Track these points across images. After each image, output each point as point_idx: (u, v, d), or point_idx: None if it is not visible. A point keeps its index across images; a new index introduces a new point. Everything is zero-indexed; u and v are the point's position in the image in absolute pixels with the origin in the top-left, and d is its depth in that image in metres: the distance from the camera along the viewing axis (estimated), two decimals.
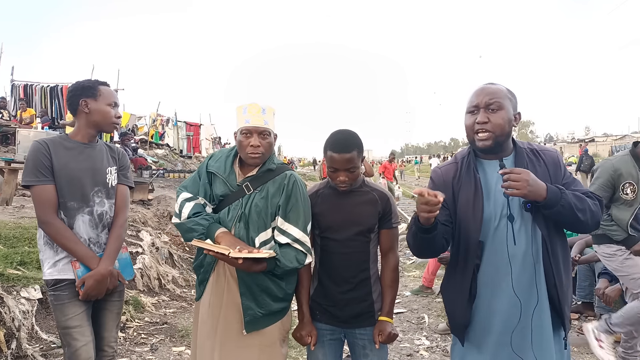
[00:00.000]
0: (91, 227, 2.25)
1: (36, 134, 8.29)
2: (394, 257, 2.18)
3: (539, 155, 1.85)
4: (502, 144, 1.82)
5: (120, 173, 2.40)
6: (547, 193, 1.64)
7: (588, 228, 1.79)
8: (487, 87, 1.84)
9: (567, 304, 1.82)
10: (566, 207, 1.66)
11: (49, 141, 2.21)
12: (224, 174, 2.10)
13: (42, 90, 14.82)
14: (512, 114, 1.82)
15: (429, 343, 4.12)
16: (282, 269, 1.97)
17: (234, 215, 2.05)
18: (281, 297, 2.06)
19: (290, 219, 2.02)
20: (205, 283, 2.09)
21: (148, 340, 4.00)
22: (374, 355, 2.11)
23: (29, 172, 2.15)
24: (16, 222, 4.98)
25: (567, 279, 1.84)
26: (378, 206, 2.10)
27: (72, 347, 2.14)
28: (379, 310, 2.12)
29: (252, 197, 2.05)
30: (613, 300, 3.65)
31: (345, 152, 2.00)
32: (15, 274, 3.68)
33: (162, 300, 5.00)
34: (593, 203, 1.76)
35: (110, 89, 2.34)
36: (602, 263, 4.08)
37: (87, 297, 2.17)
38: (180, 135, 21.55)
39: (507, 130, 1.80)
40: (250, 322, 2.00)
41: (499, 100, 1.77)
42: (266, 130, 2.05)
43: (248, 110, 2.05)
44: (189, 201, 2.09)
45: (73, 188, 2.20)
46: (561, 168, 1.85)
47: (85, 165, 2.24)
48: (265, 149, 2.05)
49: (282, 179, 2.09)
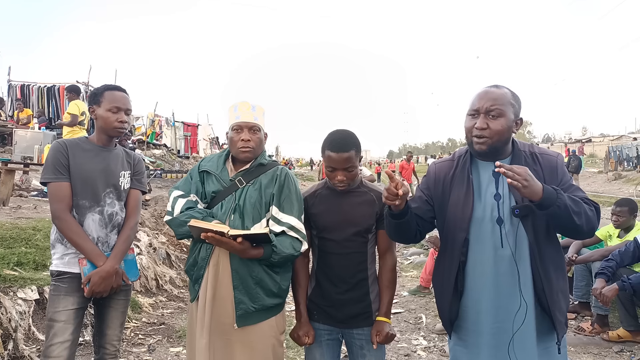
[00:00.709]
0: (100, 227, 2.31)
1: (33, 135, 8.27)
2: (391, 258, 2.18)
3: (537, 159, 1.85)
4: (499, 148, 1.82)
5: (135, 178, 2.47)
6: (543, 192, 1.63)
7: (582, 233, 1.77)
8: (490, 91, 1.80)
9: (558, 309, 1.79)
10: (562, 208, 1.65)
11: (69, 142, 2.33)
12: (216, 171, 2.17)
13: (39, 90, 14.79)
14: (513, 120, 1.80)
15: (426, 343, 4.13)
16: (279, 255, 2.00)
17: (227, 208, 2.08)
18: (275, 292, 2.08)
19: (285, 208, 2.08)
20: (200, 280, 2.09)
21: (145, 341, 3.99)
22: (371, 356, 2.11)
23: (47, 169, 2.26)
24: (13, 222, 4.96)
25: (560, 284, 1.82)
26: (376, 207, 2.10)
27: (48, 341, 2.18)
28: (376, 310, 2.12)
29: (246, 189, 2.11)
30: (610, 300, 3.67)
31: (343, 152, 2.01)
32: (12, 275, 3.67)
33: (159, 300, 5.00)
34: (589, 208, 1.74)
35: (115, 94, 2.35)
36: (598, 263, 4.11)
37: (92, 293, 2.20)
38: (177, 136, 21.53)
39: (506, 136, 1.79)
40: (242, 317, 2.02)
41: (500, 107, 1.76)
42: (256, 126, 2.13)
43: (239, 108, 2.15)
44: (181, 198, 2.14)
45: (86, 187, 2.28)
46: (557, 173, 1.83)
47: (99, 166, 2.32)
48: (255, 144, 2.12)
49: (274, 172, 2.16)
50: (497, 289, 1.80)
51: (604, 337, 4.01)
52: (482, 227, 1.82)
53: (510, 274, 1.79)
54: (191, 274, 2.15)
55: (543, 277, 1.77)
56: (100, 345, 2.37)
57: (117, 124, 2.32)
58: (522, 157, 1.84)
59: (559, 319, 1.80)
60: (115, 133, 2.36)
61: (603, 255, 4.14)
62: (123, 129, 2.36)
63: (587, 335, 4.08)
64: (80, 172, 2.26)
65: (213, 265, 2.06)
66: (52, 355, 2.15)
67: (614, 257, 3.90)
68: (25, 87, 14.94)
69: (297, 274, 2.20)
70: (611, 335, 3.97)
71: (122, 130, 2.37)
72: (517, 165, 1.66)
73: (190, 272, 2.15)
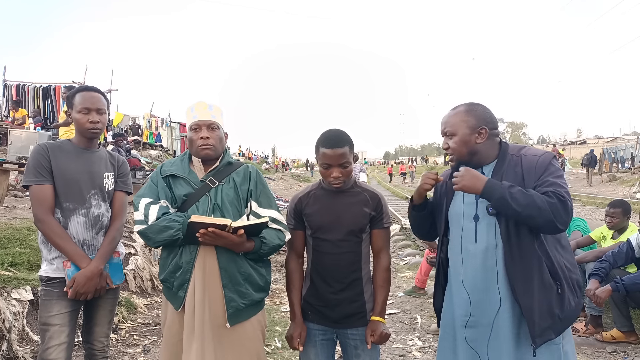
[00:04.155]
0: (86, 229, 2.28)
1: (28, 135, 8.25)
2: (385, 257, 2.19)
3: (521, 160, 1.92)
4: (473, 157, 1.95)
5: (119, 180, 2.45)
6: (484, 187, 1.81)
7: (543, 226, 1.80)
8: (445, 115, 2.02)
9: (532, 311, 1.79)
10: (500, 201, 1.79)
11: (49, 145, 2.31)
12: (184, 174, 2.13)
13: (35, 90, 14.72)
14: (470, 134, 1.92)
15: (421, 344, 4.14)
16: (267, 245, 2.05)
17: (205, 209, 2.06)
18: (262, 286, 2.12)
19: (262, 202, 2.13)
20: (186, 285, 2.02)
21: (140, 342, 3.98)
22: (366, 356, 2.11)
23: (28, 172, 2.24)
24: (7, 222, 4.94)
25: (537, 286, 1.81)
26: (369, 206, 2.12)
27: (45, 345, 2.18)
28: (370, 310, 2.13)
29: (220, 188, 2.10)
30: (603, 300, 3.68)
31: (338, 147, 2.03)
32: (6, 275, 3.66)
33: (154, 301, 4.98)
34: (548, 201, 1.75)
35: (84, 95, 2.31)
36: (592, 264, 4.13)
37: (76, 295, 2.18)
38: (174, 136, 21.49)
39: (468, 149, 1.94)
40: (233, 315, 2.02)
41: (450, 128, 1.96)
42: (214, 123, 2.13)
43: (195, 108, 2.15)
44: (152, 204, 2.05)
45: (70, 189, 2.26)
46: (536, 172, 1.86)
47: (82, 168, 2.30)
48: (215, 141, 2.11)
49: (244, 170, 2.19)
50: (464, 283, 1.94)
51: (598, 337, 4.03)
52: (459, 223, 1.98)
53: (483, 270, 1.90)
54: (172, 281, 2.05)
55: (517, 278, 1.83)
56: (87, 342, 2.38)
57: (88, 124, 2.28)
58: (508, 160, 1.93)
59: (536, 321, 1.79)
60: (89, 134, 2.32)
61: (597, 257, 4.17)
62: (96, 129, 2.31)
63: (581, 336, 4.10)
64: (63, 174, 2.24)
65: (200, 266, 2.01)
66: (50, 357, 2.15)
67: (607, 258, 3.92)
68: (20, 87, 14.86)
69: (292, 275, 2.21)
70: (605, 335, 3.99)
71: (96, 131, 2.31)
72: (463, 167, 1.90)
73: (171, 279, 2.05)
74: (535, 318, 1.80)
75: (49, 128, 11.44)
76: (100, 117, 2.31)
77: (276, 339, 4.07)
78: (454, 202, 2.02)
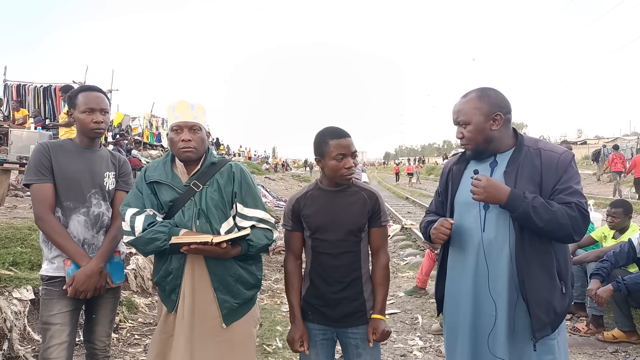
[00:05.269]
0: (86, 228, 2.29)
1: (29, 135, 8.25)
2: (384, 255, 2.19)
3: (540, 154, 1.86)
4: (489, 145, 1.89)
5: (121, 179, 2.46)
6: (507, 200, 1.75)
7: (559, 238, 1.82)
8: (457, 104, 1.95)
9: (538, 306, 1.79)
10: (524, 215, 1.74)
11: (51, 144, 2.32)
12: (167, 179, 2.11)
13: (35, 90, 14.74)
14: (484, 121, 1.86)
15: (422, 343, 4.13)
16: (255, 247, 2.04)
17: (190, 214, 2.06)
18: (253, 284, 2.13)
19: (248, 203, 2.11)
20: (177, 290, 2.05)
21: (141, 341, 3.98)
22: (367, 355, 2.11)
23: (29, 171, 2.26)
24: (8, 222, 4.95)
25: (545, 283, 1.81)
26: (367, 205, 2.12)
27: (46, 344, 2.18)
28: (370, 309, 2.13)
29: (205, 192, 2.08)
30: (605, 300, 3.68)
31: (349, 136, 2.08)
32: (7, 275, 3.66)
33: (155, 300, 4.98)
34: (570, 215, 1.75)
35: (87, 95, 2.31)
36: (593, 264, 4.12)
37: (76, 293, 2.18)
38: None
39: (484, 136, 1.88)
40: (228, 315, 2.05)
41: (464, 117, 1.89)
42: (196, 125, 2.08)
43: (177, 108, 2.09)
44: (138, 215, 2.04)
45: (71, 188, 2.26)
46: (557, 172, 1.82)
47: (83, 167, 2.31)
48: (197, 144, 2.07)
49: (228, 169, 2.14)
50: (476, 273, 1.88)
51: (599, 337, 4.02)
52: (466, 210, 1.93)
53: (490, 260, 1.85)
54: (164, 285, 2.09)
55: (525, 271, 1.80)
56: (88, 341, 2.38)
57: (92, 124, 2.29)
58: (525, 151, 1.87)
59: (536, 312, 1.79)
60: (92, 134, 2.33)
61: (598, 256, 4.16)
62: (99, 129, 2.32)
63: (582, 336, 4.09)
64: (64, 173, 2.25)
65: (189, 272, 2.04)
66: (51, 357, 2.15)
67: (608, 258, 3.92)
68: (21, 87, 14.89)
69: (290, 276, 2.20)
70: (606, 335, 3.99)
71: (99, 131, 2.32)
72: (483, 176, 1.82)
73: (163, 283, 2.09)
74: (539, 313, 1.80)
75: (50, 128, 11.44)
76: (103, 117, 2.33)
77: (277, 338, 4.06)
78: (461, 188, 1.98)
